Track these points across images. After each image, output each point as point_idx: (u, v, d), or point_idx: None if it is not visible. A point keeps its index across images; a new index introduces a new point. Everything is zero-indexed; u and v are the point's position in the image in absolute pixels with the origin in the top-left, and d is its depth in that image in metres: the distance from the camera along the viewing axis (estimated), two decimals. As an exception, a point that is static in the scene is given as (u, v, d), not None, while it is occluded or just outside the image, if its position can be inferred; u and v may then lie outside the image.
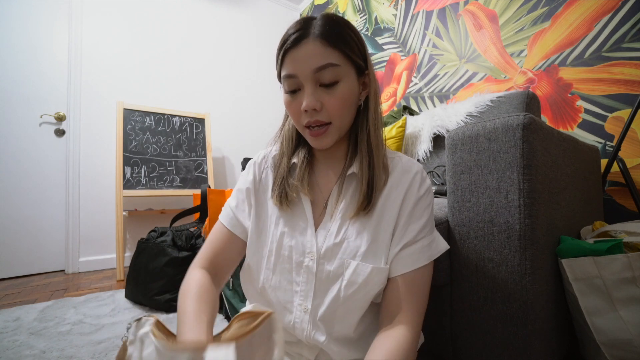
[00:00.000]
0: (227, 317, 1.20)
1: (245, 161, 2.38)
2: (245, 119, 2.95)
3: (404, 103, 2.15)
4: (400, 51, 2.19)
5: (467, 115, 1.26)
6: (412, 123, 1.48)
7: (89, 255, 2.19)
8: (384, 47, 2.32)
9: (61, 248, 2.15)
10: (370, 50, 2.44)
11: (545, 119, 1.42)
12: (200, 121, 2.49)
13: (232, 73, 2.90)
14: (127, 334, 0.39)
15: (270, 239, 0.54)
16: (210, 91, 2.76)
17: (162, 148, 2.28)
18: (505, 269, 0.59)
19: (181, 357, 0.31)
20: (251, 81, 3.00)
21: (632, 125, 1.17)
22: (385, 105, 2.30)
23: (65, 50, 2.22)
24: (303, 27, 0.47)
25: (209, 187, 1.84)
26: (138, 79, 2.43)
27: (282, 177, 0.55)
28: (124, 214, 2.06)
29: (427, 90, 1.99)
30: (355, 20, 2.61)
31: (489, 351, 0.62)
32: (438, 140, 1.37)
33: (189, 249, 1.48)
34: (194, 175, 2.37)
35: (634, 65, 1.17)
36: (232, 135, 2.85)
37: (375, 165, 0.52)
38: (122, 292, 1.58)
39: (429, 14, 1.99)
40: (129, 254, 2.24)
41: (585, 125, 1.30)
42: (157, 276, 1.37)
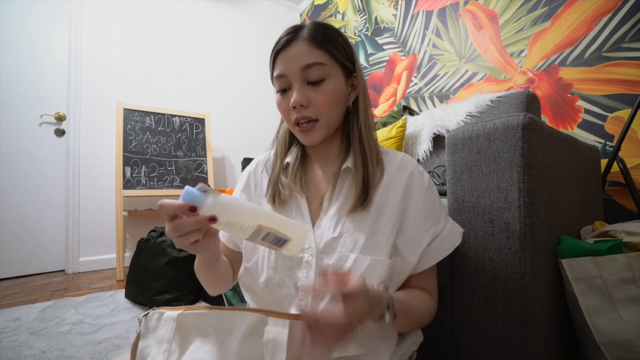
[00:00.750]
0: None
1: (245, 161, 2.38)
2: (245, 119, 2.95)
3: (404, 103, 2.15)
4: (400, 51, 2.19)
5: (467, 115, 1.26)
6: (412, 123, 1.48)
7: (89, 255, 2.19)
8: (384, 47, 2.32)
9: (61, 248, 2.15)
10: (370, 50, 2.44)
11: (545, 119, 1.42)
12: (200, 121, 2.49)
13: (232, 73, 2.90)
14: (140, 327, 0.42)
15: None
16: (210, 91, 2.76)
17: (162, 148, 2.28)
18: (505, 269, 0.59)
19: (245, 320, 0.36)
20: (251, 81, 3.00)
21: (632, 125, 1.17)
22: (385, 105, 2.30)
23: (65, 50, 2.22)
24: (293, 32, 0.53)
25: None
26: (138, 79, 2.43)
27: (276, 177, 0.58)
28: (124, 214, 2.06)
29: (427, 90, 1.99)
30: (355, 20, 2.61)
31: (489, 351, 0.62)
32: (438, 140, 1.37)
33: (189, 249, 1.48)
34: (194, 175, 2.37)
35: (634, 65, 1.17)
36: (232, 135, 2.85)
37: (369, 162, 0.54)
38: (122, 292, 1.58)
39: (429, 14, 1.99)
40: (129, 254, 2.24)
41: (585, 125, 1.30)
42: (157, 276, 1.37)
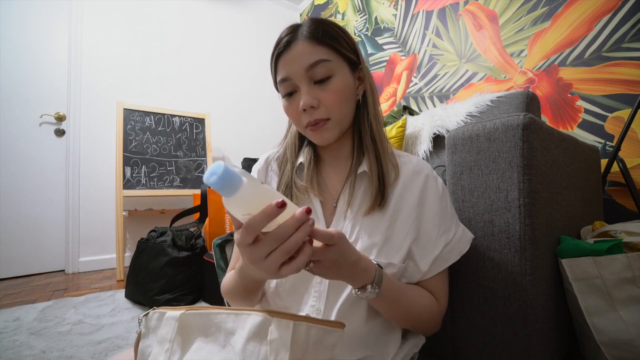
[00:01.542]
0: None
1: (246, 161, 2.38)
2: (245, 119, 2.95)
3: (404, 103, 2.15)
4: (400, 51, 2.19)
5: (467, 115, 1.26)
6: (412, 123, 1.47)
7: (89, 255, 2.19)
8: (384, 47, 2.32)
9: (61, 248, 2.15)
10: (370, 50, 2.44)
11: (545, 119, 1.42)
12: (200, 121, 2.49)
13: (232, 73, 2.90)
14: (140, 327, 0.42)
15: None
16: (210, 91, 2.76)
17: (162, 148, 2.28)
18: (505, 269, 0.59)
19: (249, 321, 0.35)
20: (251, 81, 3.00)
21: (632, 125, 1.17)
22: (385, 105, 2.30)
23: (65, 50, 2.22)
24: (292, 32, 0.50)
25: (209, 187, 1.84)
26: (138, 79, 2.43)
27: (288, 180, 0.55)
28: (124, 214, 2.06)
29: (427, 90, 1.99)
30: (355, 20, 2.61)
31: (489, 351, 0.62)
32: (438, 140, 1.36)
33: (189, 249, 1.48)
34: (194, 175, 2.37)
35: (634, 65, 1.17)
36: (232, 135, 2.85)
37: (383, 160, 0.53)
38: (122, 292, 1.58)
39: (429, 14, 1.99)
40: (129, 254, 2.24)
41: (585, 125, 1.30)
42: (157, 276, 1.37)
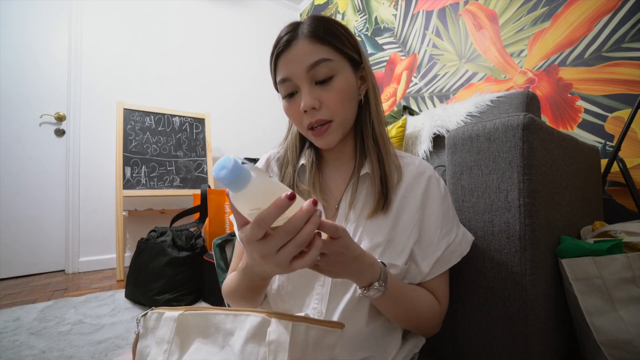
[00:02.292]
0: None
1: (246, 161, 2.37)
2: (245, 119, 2.95)
3: (404, 103, 2.15)
4: (400, 51, 2.19)
5: (467, 115, 1.26)
6: (412, 123, 1.47)
7: (89, 255, 2.19)
8: (384, 47, 2.32)
9: (61, 248, 2.15)
10: (370, 50, 2.44)
11: (545, 119, 1.42)
12: (200, 121, 2.49)
13: (232, 73, 2.90)
14: (139, 328, 0.41)
15: None
16: (210, 91, 2.76)
17: (162, 148, 2.28)
18: (505, 269, 0.59)
19: (248, 322, 0.34)
20: (251, 81, 3.00)
21: (632, 125, 1.17)
22: (385, 105, 2.30)
23: (65, 50, 2.22)
24: (292, 30, 0.48)
25: (209, 187, 1.84)
26: (138, 79, 2.43)
27: (290, 183, 0.54)
28: (124, 214, 2.06)
29: (427, 90, 1.99)
30: (355, 20, 2.61)
31: (489, 351, 0.62)
32: (438, 140, 1.36)
33: (189, 249, 1.48)
34: (194, 175, 2.37)
35: (634, 65, 1.17)
36: (232, 135, 2.85)
37: (386, 162, 0.52)
38: (122, 292, 1.58)
39: (429, 14, 1.99)
40: (129, 254, 2.24)
41: (585, 125, 1.30)
42: (157, 276, 1.37)
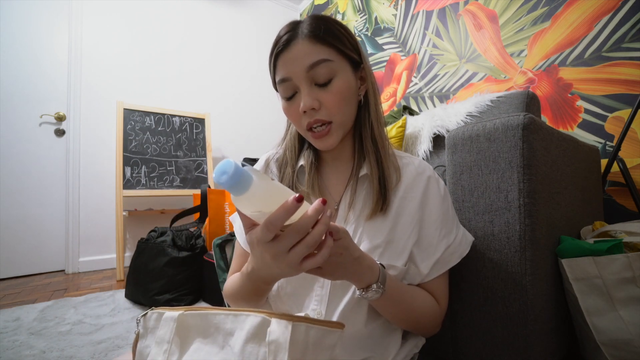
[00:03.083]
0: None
1: (246, 161, 2.37)
2: (245, 119, 2.95)
3: (404, 103, 2.15)
4: (400, 51, 2.19)
5: (467, 115, 1.26)
6: (412, 123, 1.47)
7: (89, 255, 2.19)
8: (384, 47, 2.32)
9: (61, 248, 2.15)
10: (370, 50, 2.44)
11: (545, 119, 1.42)
12: (200, 121, 2.49)
13: (232, 73, 2.90)
14: (139, 328, 0.41)
15: None
16: (210, 91, 2.76)
17: (162, 148, 2.28)
18: (505, 269, 0.59)
19: (248, 322, 0.34)
20: (251, 81, 3.00)
21: (632, 125, 1.17)
22: (385, 105, 2.30)
23: (65, 50, 2.22)
24: (292, 29, 0.48)
25: (209, 187, 1.84)
26: (138, 79, 2.43)
27: (290, 184, 0.54)
28: (124, 214, 2.06)
29: (427, 90, 1.99)
30: (355, 20, 2.61)
31: (489, 351, 0.62)
32: (438, 140, 1.36)
33: (189, 249, 1.48)
34: (194, 175, 2.37)
35: (634, 65, 1.17)
36: (232, 135, 2.85)
37: (385, 163, 0.52)
38: (122, 292, 1.58)
39: (429, 14, 1.99)
40: (129, 254, 2.24)
41: (585, 125, 1.30)
42: (157, 276, 1.37)
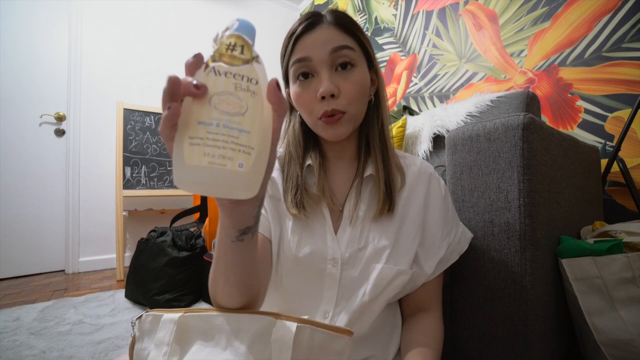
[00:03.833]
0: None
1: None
2: (245, 119, 2.94)
3: (404, 103, 2.15)
4: (400, 51, 2.19)
5: (467, 115, 1.26)
6: (412, 123, 1.47)
7: (89, 255, 2.19)
8: (384, 47, 2.32)
9: (61, 248, 2.15)
10: (370, 50, 2.44)
11: (545, 119, 1.42)
12: (200, 121, 2.49)
13: (232, 73, 2.90)
14: (134, 330, 0.40)
15: (286, 245, 0.50)
16: (210, 91, 2.76)
17: (162, 148, 2.28)
18: (505, 269, 0.59)
19: (254, 323, 0.34)
20: (251, 81, 3.00)
21: (632, 125, 1.17)
22: (385, 105, 2.30)
23: (66, 50, 2.22)
24: (315, 16, 0.47)
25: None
26: (138, 79, 2.43)
27: (298, 185, 0.51)
28: (124, 214, 2.06)
29: (427, 90, 1.99)
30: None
31: (489, 351, 0.62)
32: (438, 140, 1.36)
33: (189, 249, 1.48)
34: (194, 175, 2.37)
35: (634, 65, 1.17)
36: (232, 135, 2.85)
37: (390, 165, 0.51)
38: (122, 292, 1.58)
39: (429, 14, 1.99)
40: (129, 254, 2.24)
41: (585, 125, 1.30)
42: (157, 276, 1.37)
